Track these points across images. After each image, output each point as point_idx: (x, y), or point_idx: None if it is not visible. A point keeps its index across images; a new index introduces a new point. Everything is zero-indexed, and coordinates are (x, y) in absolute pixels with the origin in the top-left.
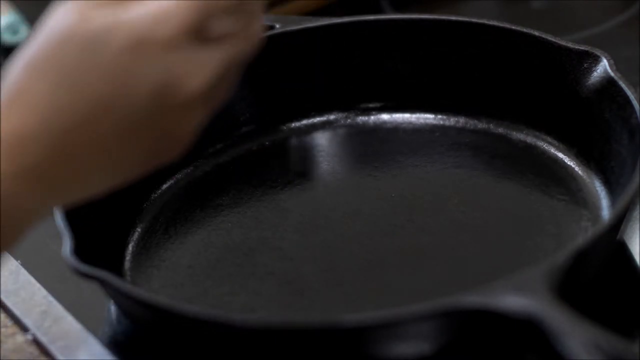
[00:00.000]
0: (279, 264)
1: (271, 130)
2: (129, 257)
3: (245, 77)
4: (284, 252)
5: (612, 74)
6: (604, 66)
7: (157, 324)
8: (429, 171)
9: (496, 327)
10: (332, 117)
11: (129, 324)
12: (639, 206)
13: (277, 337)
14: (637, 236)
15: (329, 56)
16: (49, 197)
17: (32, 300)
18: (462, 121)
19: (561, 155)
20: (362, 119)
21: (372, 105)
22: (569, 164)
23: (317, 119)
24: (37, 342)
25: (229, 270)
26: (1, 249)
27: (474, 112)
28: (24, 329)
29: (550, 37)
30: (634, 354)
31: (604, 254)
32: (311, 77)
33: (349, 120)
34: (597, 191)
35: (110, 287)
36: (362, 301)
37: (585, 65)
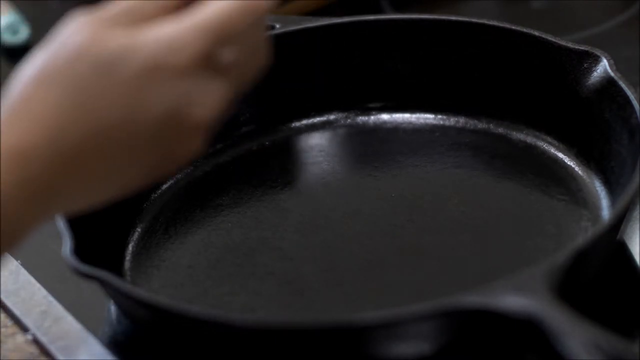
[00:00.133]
0: (279, 264)
1: (271, 130)
2: (129, 257)
3: None
4: (284, 252)
5: (612, 74)
6: (604, 66)
7: (157, 324)
8: (429, 171)
9: (496, 327)
10: (332, 117)
11: (129, 324)
12: (639, 206)
13: (277, 337)
14: (637, 236)
15: (328, 56)
16: (48, 209)
17: (32, 300)
18: (462, 121)
19: (561, 155)
20: (362, 119)
21: (372, 105)
22: (569, 164)
23: (317, 119)
24: (37, 342)
25: (229, 270)
26: (0, 252)
27: (474, 112)
28: (24, 329)
29: (550, 37)
30: (634, 354)
31: (604, 254)
32: (311, 77)
33: (349, 120)
34: (597, 191)
35: (110, 287)
36: (362, 301)
37: (585, 65)
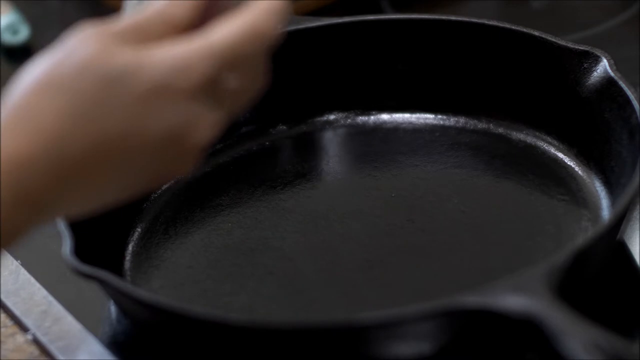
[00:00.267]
0: (279, 264)
1: (271, 130)
2: (129, 257)
3: None
4: (284, 252)
5: (612, 74)
6: (604, 66)
7: (157, 324)
8: (429, 171)
9: (496, 327)
10: (332, 117)
11: (129, 324)
12: (639, 206)
13: (277, 337)
14: (637, 236)
15: (328, 56)
16: (41, 215)
17: (32, 300)
18: (462, 121)
19: (561, 155)
20: (362, 119)
21: (372, 105)
22: (569, 164)
23: (317, 119)
24: (37, 342)
25: (229, 270)
26: None
27: (474, 112)
28: (24, 329)
29: (550, 37)
30: (634, 354)
31: (604, 254)
32: (311, 77)
33: (349, 120)
34: (597, 191)
35: (110, 287)
36: (362, 301)
37: (585, 65)
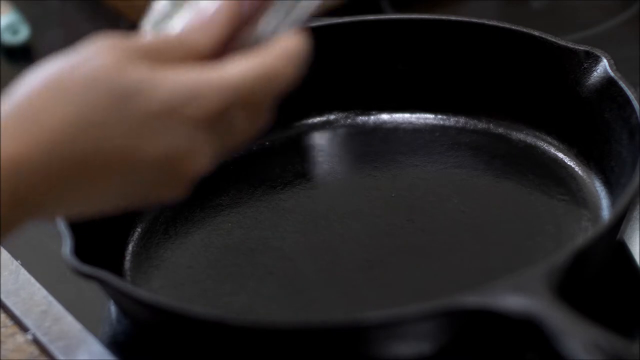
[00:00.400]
0: (279, 264)
1: (271, 130)
2: (129, 257)
3: None
4: (284, 252)
5: (612, 74)
6: (604, 66)
7: (157, 324)
8: (429, 171)
9: (496, 327)
10: (332, 117)
11: (129, 324)
12: (639, 206)
13: (277, 337)
14: (637, 236)
15: (328, 56)
16: (32, 215)
17: (32, 300)
18: (462, 121)
19: (561, 155)
20: (362, 119)
21: (372, 105)
22: (569, 164)
23: (317, 119)
24: (37, 342)
25: (229, 270)
26: None
27: (474, 112)
28: (24, 329)
29: (550, 37)
30: (634, 354)
31: (604, 254)
32: (311, 77)
33: (349, 120)
34: (597, 191)
35: (110, 287)
36: (362, 301)
37: (585, 65)
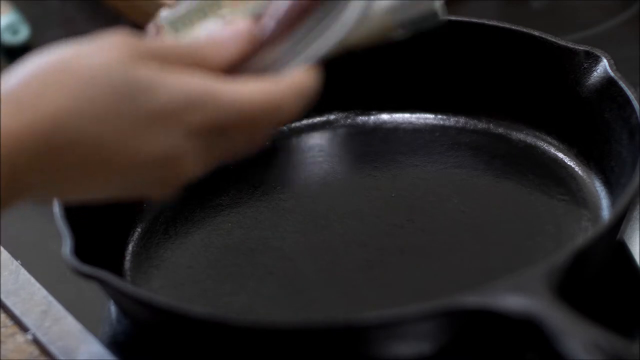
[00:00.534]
0: (279, 264)
1: None
2: (129, 257)
3: None
4: (284, 252)
5: (612, 74)
6: (604, 66)
7: (157, 324)
8: (429, 171)
9: (496, 327)
10: (332, 117)
11: (129, 324)
12: (639, 206)
13: (277, 337)
14: (637, 236)
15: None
16: (27, 197)
17: (32, 300)
18: (462, 121)
19: (561, 155)
20: (362, 119)
21: (372, 105)
22: (569, 164)
23: (317, 119)
24: (37, 342)
25: (229, 270)
26: None
27: (474, 112)
28: (24, 329)
29: (550, 37)
30: (634, 354)
31: (604, 254)
32: None
33: (349, 120)
34: (597, 191)
35: (110, 287)
36: (362, 301)
37: (585, 65)
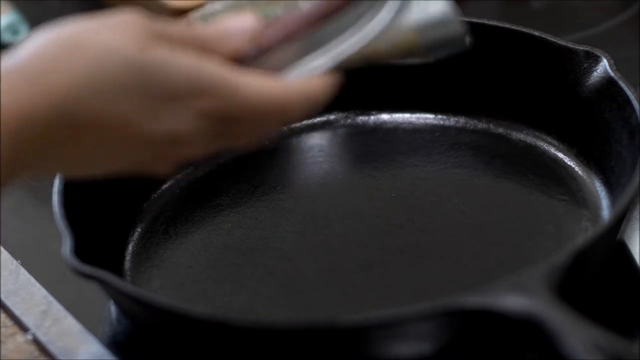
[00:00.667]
0: (279, 264)
1: None
2: (129, 257)
3: None
4: (284, 252)
5: (612, 74)
6: (604, 66)
7: (157, 324)
8: (429, 171)
9: (496, 327)
10: (332, 117)
11: (129, 324)
12: (639, 206)
13: (277, 337)
14: (637, 236)
15: None
16: (33, 170)
17: (32, 300)
18: (462, 121)
19: (561, 155)
20: (362, 119)
21: (372, 105)
22: (569, 164)
23: (317, 119)
24: (37, 342)
25: (229, 270)
26: None
27: (474, 112)
28: (24, 329)
29: (550, 37)
30: (634, 354)
31: (604, 254)
32: None
33: (349, 120)
34: (597, 191)
35: (110, 287)
36: (362, 301)
37: (585, 65)
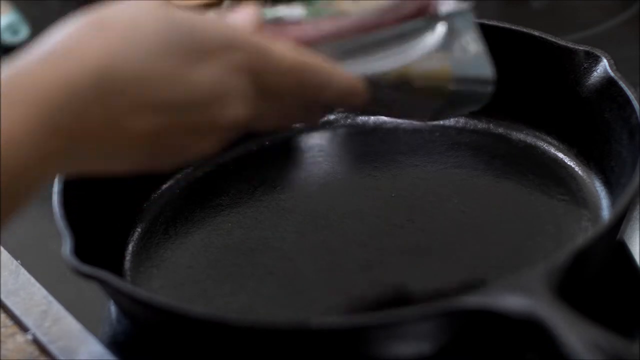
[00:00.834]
0: (279, 264)
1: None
2: (129, 257)
3: None
4: (284, 252)
5: (612, 74)
6: (604, 66)
7: (157, 324)
8: (429, 171)
9: (496, 327)
10: (332, 117)
11: (129, 324)
12: (639, 206)
13: (277, 337)
14: (637, 236)
15: None
16: (68, 158)
17: (32, 300)
18: (462, 121)
19: (561, 155)
20: (362, 119)
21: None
22: (569, 164)
23: None
24: (37, 342)
25: (229, 270)
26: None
27: (474, 112)
28: (24, 329)
29: (550, 37)
30: (634, 354)
31: (604, 254)
32: None
33: (349, 120)
34: (597, 191)
35: (110, 287)
36: (362, 301)
37: (585, 65)
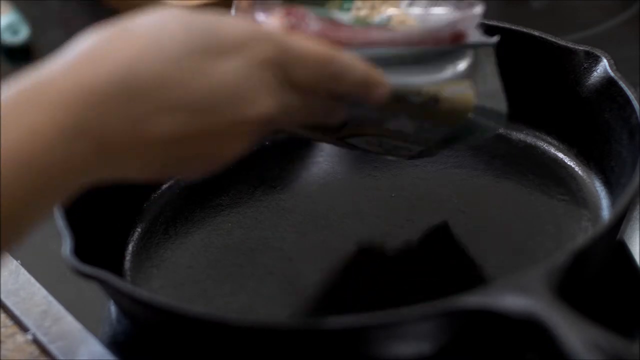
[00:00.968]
0: (279, 264)
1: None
2: (129, 257)
3: None
4: (284, 252)
5: (612, 74)
6: (604, 66)
7: (157, 324)
8: (429, 171)
9: (496, 327)
10: None
11: (129, 324)
12: (639, 206)
13: (276, 338)
14: (637, 236)
15: None
16: (92, 161)
17: (32, 300)
18: None
19: (561, 155)
20: None
21: None
22: (569, 164)
23: None
24: (37, 342)
25: (229, 270)
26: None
27: None
28: (24, 329)
29: (550, 37)
30: (634, 354)
31: (604, 254)
32: None
33: None
34: (597, 191)
35: (110, 287)
36: (362, 301)
37: (585, 65)
